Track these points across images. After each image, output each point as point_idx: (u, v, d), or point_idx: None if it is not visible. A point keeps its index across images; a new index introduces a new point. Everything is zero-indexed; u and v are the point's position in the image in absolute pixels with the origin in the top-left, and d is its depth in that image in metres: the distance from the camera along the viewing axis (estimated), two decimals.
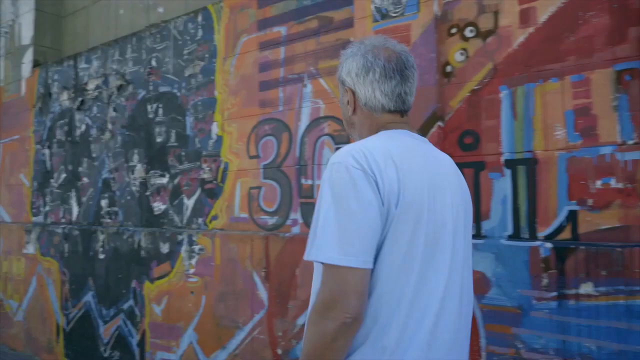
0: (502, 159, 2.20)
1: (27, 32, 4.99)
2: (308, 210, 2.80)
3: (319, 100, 2.83)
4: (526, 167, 2.14)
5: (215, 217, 3.23)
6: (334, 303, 0.98)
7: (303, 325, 2.59)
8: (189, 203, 3.39)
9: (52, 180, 4.52)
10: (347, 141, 2.69)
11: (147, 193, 3.66)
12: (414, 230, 1.04)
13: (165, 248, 3.43)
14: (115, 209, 3.89)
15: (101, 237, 3.90)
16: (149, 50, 3.77)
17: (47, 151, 4.60)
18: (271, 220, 2.96)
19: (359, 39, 1.29)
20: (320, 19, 2.85)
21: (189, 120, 3.43)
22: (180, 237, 3.34)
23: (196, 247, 3.24)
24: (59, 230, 4.30)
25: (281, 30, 3.01)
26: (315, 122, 2.82)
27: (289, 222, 2.88)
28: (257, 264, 2.94)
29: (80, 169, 4.24)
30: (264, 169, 3.01)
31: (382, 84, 1.17)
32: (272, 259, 2.89)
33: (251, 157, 3.08)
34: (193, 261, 3.26)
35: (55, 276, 4.30)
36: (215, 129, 3.28)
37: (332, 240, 1.00)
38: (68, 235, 4.20)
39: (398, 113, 1.21)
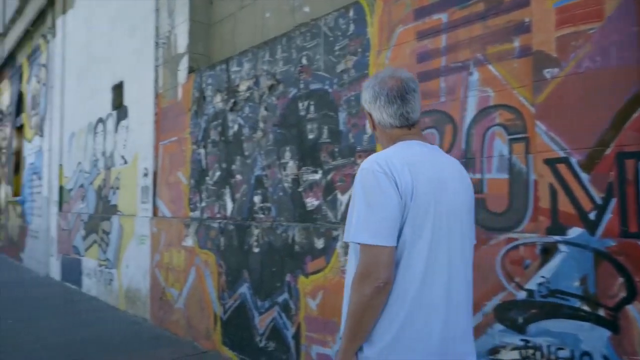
0: None
1: (182, 41, 5.39)
2: (476, 206, 2.63)
3: (487, 89, 2.64)
4: None
5: None
6: (368, 273, 1.34)
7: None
8: (344, 199, 3.38)
9: (207, 178, 4.83)
10: (523, 130, 2.47)
11: (300, 189, 3.74)
12: (424, 218, 1.39)
13: (319, 243, 3.47)
14: (268, 204, 4.03)
15: (255, 231, 4.06)
16: (299, 49, 3.84)
17: (202, 151, 4.93)
18: None
19: (375, 73, 1.69)
20: (487, 1, 2.66)
21: (342, 116, 3.43)
22: (335, 233, 3.34)
23: None
24: (215, 225, 4.57)
25: (442, 17, 2.87)
26: (484, 111, 2.64)
27: None
28: None
29: (233, 166, 4.47)
30: None
31: (387, 109, 1.53)
32: None
33: None
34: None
35: (213, 268, 4.58)
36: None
37: (364, 226, 1.36)
38: (224, 230, 4.45)
39: (405, 127, 1.55)
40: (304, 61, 3.78)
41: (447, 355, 1.41)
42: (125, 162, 6.53)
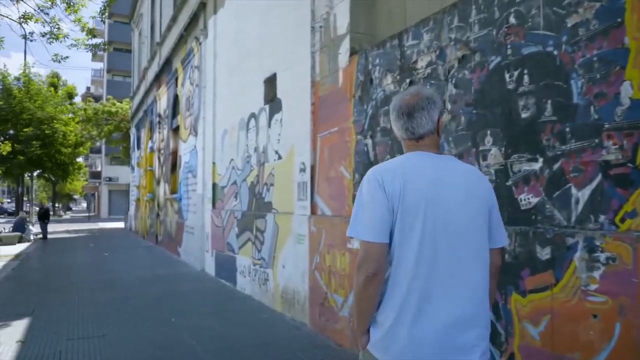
0: None
1: (342, 21, 4.87)
2: None
3: None
4: None
5: (631, 214, 2.29)
6: (360, 264, 1.60)
7: None
8: (581, 194, 2.53)
9: None
10: None
11: (509, 183, 2.95)
12: (414, 217, 1.59)
13: (544, 253, 2.65)
14: None
15: None
16: (503, 5, 3.05)
17: (369, 141, 4.35)
18: None
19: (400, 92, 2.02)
20: None
21: (576, 84, 2.57)
22: (571, 240, 2.51)
23: (601, 255, 2.37)
24: None
25: None
26: None
27: None
28: None
29: None
30: None
31: (396, 123, 1.77)
32: None
33: None
34: (596, 274, 2.39)
35: None
36: (627, 90, 2.34)
37: (360, 224, 1.63)
38: None
39: (414, 139, 1.74)
40: (512, 20, 2.98)
41: (447, 342, 1.56)
42: (280, 158, 6.24)
